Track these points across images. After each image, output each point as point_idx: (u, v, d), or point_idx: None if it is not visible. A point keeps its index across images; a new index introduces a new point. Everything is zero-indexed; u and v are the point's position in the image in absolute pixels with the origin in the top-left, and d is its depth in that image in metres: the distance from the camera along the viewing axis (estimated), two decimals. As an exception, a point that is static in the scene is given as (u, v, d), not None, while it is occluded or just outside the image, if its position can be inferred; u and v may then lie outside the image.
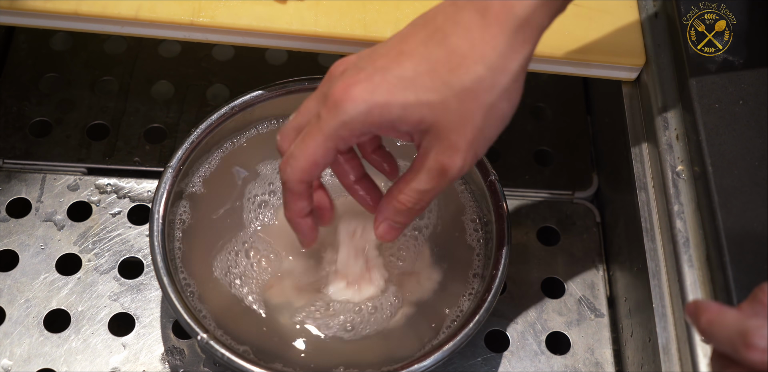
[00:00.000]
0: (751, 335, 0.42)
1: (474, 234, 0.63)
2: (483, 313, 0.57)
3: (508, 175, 0.74)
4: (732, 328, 0.43)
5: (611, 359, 0.67)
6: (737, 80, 0.60)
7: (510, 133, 0.77)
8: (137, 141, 0.74)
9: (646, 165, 0.65)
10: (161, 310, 0.67)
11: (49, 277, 0.67)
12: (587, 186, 0.75)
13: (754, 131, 0.58)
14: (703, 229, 0.59)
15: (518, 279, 0.70)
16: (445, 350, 0.56)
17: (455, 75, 0.47)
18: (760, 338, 0.41)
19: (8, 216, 0.70)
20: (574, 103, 0.79)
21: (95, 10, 0.62)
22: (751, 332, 0.42)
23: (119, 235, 0.70)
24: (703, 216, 0.59)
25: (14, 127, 0.74)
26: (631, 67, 0.66)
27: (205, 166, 0.64)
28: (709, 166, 0.58)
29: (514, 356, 0.67)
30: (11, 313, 0.66)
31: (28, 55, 0.77)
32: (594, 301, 0.70)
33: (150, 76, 0.77)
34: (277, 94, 0.64)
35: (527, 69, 0.49)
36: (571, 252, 0.72)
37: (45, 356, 0.64)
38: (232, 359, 0.55)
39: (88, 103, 0.75)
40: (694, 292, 0.57)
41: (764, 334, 0.41)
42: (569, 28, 0.65)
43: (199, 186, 0.63)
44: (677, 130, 0.63)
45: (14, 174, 0.72)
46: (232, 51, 0.79)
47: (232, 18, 0.63)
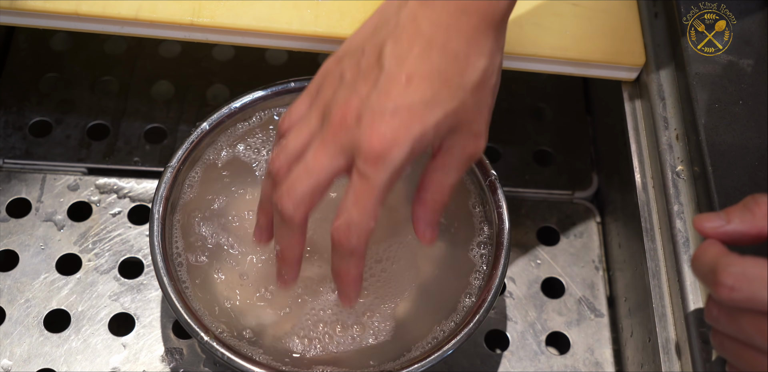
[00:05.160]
0: (720, 273, 0.43)
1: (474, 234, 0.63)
2: (483, 312, 0.57)
3: (508, 175, 0.74)
4: (707, 265, 0.45)
5: (611, 359, 0.67)
6: (737, 80, 0.60)
7: (510, 133, 0.77)
8: (137, 141, 0.74)
9: (646, 165, 0.65)
10: (161, 310, 0.67)
11: (49, 277, 0.67)
12: (587, 186, 0.75)
13: (754, 131, 0.58)
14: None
15: (518, 279, 0.70)
16: (445, 350, 0.56)
17: (466, 76, 0.48)
18: (728, 276, 0.43)
19: (8, 216, 0.70)
20: (574, 103, 0.79)
21: (95, 10, 0.62)
22: (720, 270, 0.43)
23: (119, 235, 0.70)
24: (703, 216, 0.59)
25: (14, 127, 0.74)
26: (631, 67, 0.66)
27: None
28: (709, 166, 0.58)
29: (514, 356, 0.67)
30: (11, 313, 0.66)
31: (28, 55, 0.77)
32: (594, 301, 0.70)
33: (150, 76, 0.77)
34: (277, 94, 0.64)
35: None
36: (571, 252, 0.72)
37: (45, 356, 0.64)
38: (233, 359, 0.55)
39: (88, 103, 0.75)
40: (694, 292, 0.57)
41: (732, 272, 0.43)
42: (569, 28, 0.65)
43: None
44: (677, 130, 0.63)
45: (14, 174, 0.72)
46: (232, 51, 0.79)
47: (232, 18, 0.63)
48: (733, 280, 0.42)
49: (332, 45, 0.64)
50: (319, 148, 0.49)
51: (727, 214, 0.46)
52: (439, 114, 0.47)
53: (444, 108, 0.47)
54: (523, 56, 0.64)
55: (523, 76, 0.69)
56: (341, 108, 0.48)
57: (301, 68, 0.78)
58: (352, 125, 0.47)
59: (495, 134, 0.76)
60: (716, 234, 0.46)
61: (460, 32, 0.48)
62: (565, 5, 0.66)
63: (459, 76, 0.48)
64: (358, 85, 0.48)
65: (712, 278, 0.43)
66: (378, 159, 0.46)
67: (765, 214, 0.45)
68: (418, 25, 0.48)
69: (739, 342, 0.45)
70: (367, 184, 0.47)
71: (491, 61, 0.49)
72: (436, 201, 0.52)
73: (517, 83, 0.78)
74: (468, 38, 0.48)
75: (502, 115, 0.77)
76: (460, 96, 0.48)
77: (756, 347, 0.43)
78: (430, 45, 0.47)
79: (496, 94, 0.52)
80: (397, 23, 0.49)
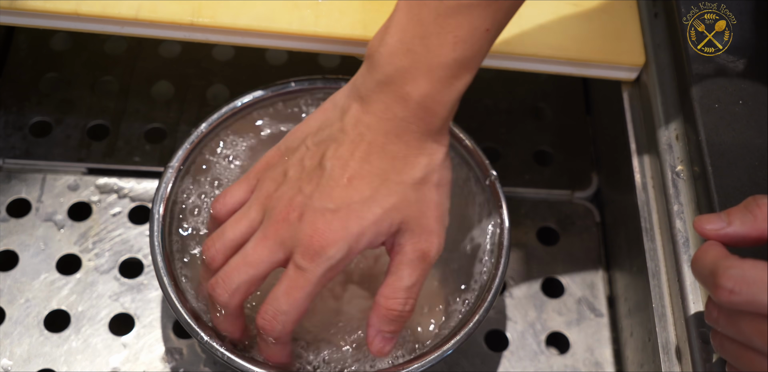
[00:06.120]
0: (719, 276, 0.43)
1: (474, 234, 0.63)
2: (483, 312, 0.57)
3: (508, 175, 0.74)
4: (706, 267, 0.45)
5: (611, 359, 0.67)
6: (737, 80, 0.60)
7: (510, 133, 0.77)
8: (137, 141, 0.74)
9: (645, 165, 0.65)
10: (161, 310, 0.67)
11: (49, 277, 0.67)
12: (587, 186, 0.75)
13: (754, 131, 0.58)
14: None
15: (518, 279, 0.70)
16: (445, 350, 0.56)
17: (405, 174, 0.50)
18: (727, 279, 0.43)
19: (8, 216, 0.70)
20: (574, 103, 0.79)
21: (95, 10, 0.62)
22: (720, 273, 0.43)
23: (119, 235, 0.70)
24: (703, 216, 0.59)
25: (14, 127, 0.74)
26: (631, 67, 0.66)
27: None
28: (708, 166, 0.58)
29: (514, 356, 0.67)
30: (11, 313, 0.66)
31: (28, 55, 0.77)
32: (594, 301, 0.70)
33: (150, 76, 0.77)
34: (277, 94, 0.64)
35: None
36: (571, 252, 0.72)
37: (45, 356, 0.64)
38: (233, 359, 0.55)
39: (88, 103, 0.75)
40: (694, 292, 0.57)
41: (731, 275, 0.43)
42: (569, 28, 0.65)
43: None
44: (677, 130, 0.63)
45: (14, 174, 0.72)
46: (232, 51, 0.79)
47: (232, 18, 0.63)
48: (732, 283, 0.42)
49: (332, 45, 0.64)
50: (259, 241, 0.51)
51: (728, 216, 0.46)
52: (377, 210, 0.49)
53: (381, 204, 0.49)
54: (523, 56, 0.64)
55: (523, 76, 0.69)
56: (285, 205, 0.50)
57: (301, 68, 0.78)
58: (294, 222, 0.49)
59: (495, 134, 0.76)
60: (717, 236, 0.46)
61: (399, 137, 0.50)
62: (565, 5, 0.66)
63: (398, 174, 0.50)
64: (302, 185, 0.50)
65: (711, 281, 0.43)
66: (315, 255, 0.48)
67: (766, 216, 0.45)
68: (359, 130, 0.50)
69: (739, 343, 0.45)
70: (302, 276, 0.49)
71: (431, 159, 0.51)
72: (390, 308, 0.51)
73: (517, 83, 0.78)
74: (406, 142, 0.50)
75: (502, 115, 0.77)
76: (400, 191, 0.50)
77: (755, 349, 0.44)
78: (370, 148, 0.50)
79: (446, 193, 0.52)
80: (341, 127, 0.51)
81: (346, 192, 0.49)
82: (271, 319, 0.50)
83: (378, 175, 0.50)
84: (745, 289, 0.42)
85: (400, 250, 0.51)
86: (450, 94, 0.50)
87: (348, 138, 0.50)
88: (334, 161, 0.50)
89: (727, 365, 0.49)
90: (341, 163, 0.50)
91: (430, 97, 0.49)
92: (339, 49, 0.64)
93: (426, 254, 0.51)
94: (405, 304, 0.51)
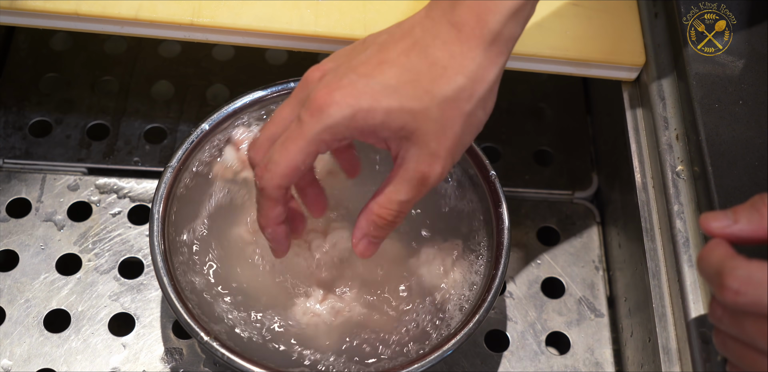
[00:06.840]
0: (725, 276, 0.43)
1: (474, 234, 0.63)
2: (483, 312, 0.57)
3: (508, 175, 0.74)
4: (713, 267, 0.44)
5: (611, 359, 0.67)
6: (737, 80, 0.60)
7: (510, 133, 0.77)
8: (137, 141, 0.74)
9: (646, 165, 0.65)
10: (161, 310, 0.67)
11: (49, 277, 0.67)
12: (587, 186, 0.75)
13: (754, 131, 0.58)
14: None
15: (518, 279, 0.70)
16: (445, 350, 0.56)
17: (437, 85, 0.49)
18: (733, 279, 0.43)
19: (8, 216, 0.70)
20: (574, 103, 0.79)
21: (95, 10, 0.62)
22: (726, 273, 0.43)
23: (119, 235, 0.70)
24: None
25: (14, 127, 0.74)
26: (631, 67, 0.66)
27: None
28: (709, 166, 0.58)
29: (514, 356, 0.67)
30: (11, 313, 0.66)
31: (28, 55, 0.77)
32: (594, 301, 0.70)
33: (150, 76, 0.77)
34: (277, 94, 0.64)
35: (501, 78, 0.51)
36: (571, 252, 0.72)
37: (45, 356, 0.64)
38: (233, 359, 0.55)
39: (88, 103, 0.75)
40: (694, 292, 0.57)
41: (737, 276, 0.43)
42: (569, 28, 0.65)
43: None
44: (677, 130, 0.63)
45: (14, 174, 0.72)
46: (232, 51, 0.79)
47: (232, 18, 0.63)
48: (738, 283, 0.42)
49: (332, 45, 0.64)
50: (285, 102, 0.51)
51: (735, 214, 0.46)
52: (394, 103, 0.48)
53: (402, 102, 0.48)
54: (523, 56, 0.64)
55: (523, 76, 0.69)
56: (315, 69, 0.51)
57: (301, 68, 0.77)
58: (314, 81, 0.50)
59: (495, 134, 0.76)
60: (722, 234, 0.46)
61: (446, 44, 0.49)
62: (565, 5, 0.66)
63: (430, 82, 0.49)
64: (337, 57, 0.51)
65: (717, 281, 0.43)
66: (317, 110, 0.48)
67: None
68: (413, 30, 0.50)
69: (742, 343, 0.45)
70: (299, 129, 0.48)
71: (472, 84, 0.49)
72: (380, 216, 0.51)
73: (517, 83, 0.78)
74: (451, 52, 0.49)
75: (502, 115, 0.77)
76: (425, 101, 0.48)
77: (758, 349, 0.43)
78: (414, 45, 0.49)
79: (473, 126, 0.51)
80: (399, 24, 0.51)
81: (372, 70, 0.49)
82: (261, 169, 0.50)
83: (410, 72, 0.49)
84: (751, 290, 0.42)
85: (403, 164, 0.50)
86: (501, 5, 0.49)
87: (399, 30, 0.51)
88: (376, 45, 0.50)
89: (728, 364, 0.49)
90: (381, 47, 0.50)
91: (482, 4, 0.49)
92: (339, 49, 0.64)
93: (426, 178, 0.50)
94: (396, 215, 0.51)
